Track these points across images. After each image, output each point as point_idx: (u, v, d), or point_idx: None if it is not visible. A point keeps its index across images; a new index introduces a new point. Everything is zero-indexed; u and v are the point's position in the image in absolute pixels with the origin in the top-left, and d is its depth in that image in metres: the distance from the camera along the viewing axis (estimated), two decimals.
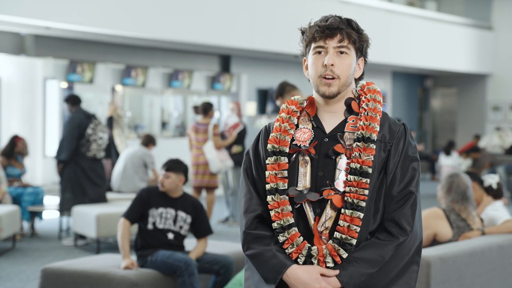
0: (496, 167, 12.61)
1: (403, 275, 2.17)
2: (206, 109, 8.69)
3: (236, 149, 9.02)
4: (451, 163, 13.79)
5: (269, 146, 2.24)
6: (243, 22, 11.71)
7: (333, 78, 2.18)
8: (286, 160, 2.22)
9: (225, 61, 14.19)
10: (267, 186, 2.21)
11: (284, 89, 5.95)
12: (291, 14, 12.15)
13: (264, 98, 14.68)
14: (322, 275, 2.12)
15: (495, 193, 4.92)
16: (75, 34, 10.77)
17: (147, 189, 4.92)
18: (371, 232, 2.18)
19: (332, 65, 2.17)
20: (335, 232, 2.14)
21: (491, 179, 4.93)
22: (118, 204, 7.80)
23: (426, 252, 4.06)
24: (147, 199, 4.82)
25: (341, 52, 2.19)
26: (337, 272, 2.12)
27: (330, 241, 2.15)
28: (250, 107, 14.27)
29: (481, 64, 17.57)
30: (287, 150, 2.23)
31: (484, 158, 13.04)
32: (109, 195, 8.50)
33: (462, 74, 17.93)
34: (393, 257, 2.14)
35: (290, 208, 2.19)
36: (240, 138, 9.16)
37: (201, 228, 4.90)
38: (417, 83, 19.12)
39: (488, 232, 4.56)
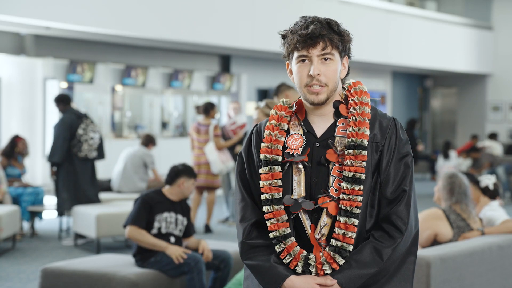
0: (496, 167, 12.60)
1: (400, 268, 2.19)
2: (207, 109, 8.63)
3: (240, 148, 8.98)
4: (450, 165, 13.69)
5: (261, 156, 2.23)
6: (243, 22, 11.71)
7: (321, 86, 2.16)
8: (280, 169, 2.21)
9: (225, 61, 14.19)
10: (262, 197, 2.20)
11: (279, 89, 5.96)
12: (291, 14, 12.13)
13: (264, 98, 14.67)
14: (319, 284, 2.13)
15: (491, 194, 4.91)
16: (75, 34, 10.77)
17: (148, 195, 4.83)
18: (368, 230, 2.19)
19: (318, 74, 2.15)
20: (332, 240, 2.15)
21: (488, 180, 4.92)
22: (118, 204, 7.79)
23: (426, 252, 4.07)
24: (152, 205, 4.76)
25: (326, 59, 2.16)
26: (334, 281, 2.12)
27: (327, 248, 2.15)
28: (250, 107, 14.26)
29: (481, 64, 17.57)
30: (280, 159, 2.21)
31: (484, 158, 13.03)
32: (109, 195, 8.50)
33: (462, 74, 17.93)
34: (391, 256, 2.16)
35: (286, 217, 2.19)
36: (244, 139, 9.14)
37: (191, 227, 4.95)
38: (417, 83, 19.12)
39: (487, 232, 4.55)
